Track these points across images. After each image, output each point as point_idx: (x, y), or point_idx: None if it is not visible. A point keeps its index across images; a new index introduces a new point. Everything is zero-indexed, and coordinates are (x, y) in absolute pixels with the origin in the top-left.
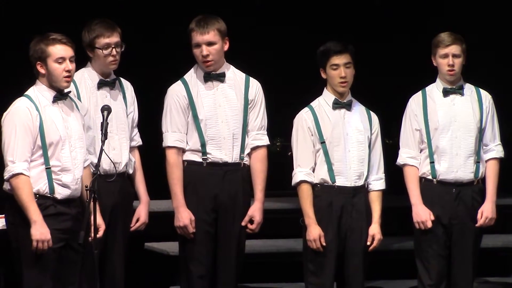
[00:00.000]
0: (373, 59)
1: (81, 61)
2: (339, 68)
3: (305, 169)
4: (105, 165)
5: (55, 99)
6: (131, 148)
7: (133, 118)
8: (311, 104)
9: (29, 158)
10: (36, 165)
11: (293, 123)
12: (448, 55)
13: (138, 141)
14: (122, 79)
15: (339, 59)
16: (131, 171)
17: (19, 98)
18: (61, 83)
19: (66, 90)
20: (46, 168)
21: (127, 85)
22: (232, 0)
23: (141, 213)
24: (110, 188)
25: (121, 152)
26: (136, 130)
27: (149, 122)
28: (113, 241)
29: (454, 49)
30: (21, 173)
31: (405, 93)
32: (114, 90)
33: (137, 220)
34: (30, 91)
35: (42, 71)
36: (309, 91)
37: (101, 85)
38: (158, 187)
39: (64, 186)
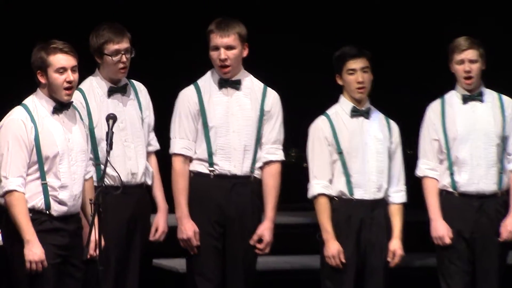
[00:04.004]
0: (392, 67)
1: (90, 67)
2: (356, 73)
3: (322, 181)
4: (122, 176)
5: (55, 110)
6: (148, 154)
7: (148, 123)
8: (328, 112)
9: (24, 173)
10: (32, 179)
11: (308, 132)
12: (465, 61)
13: (155, 145)
14: (134, 81)
15: (356, 64)
16: (149, 182)
17: (16, 108)
18: (61, 95)
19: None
20: (42, 183)
21: (140, 88)
22: (242, 7)
23: (160, 222)
24: (126, 200)
25: (137, 161)
26: (152, 134)
27: (156, 132)
28: (128, 256)
29: (471, 54)
30: (15, 190)
31: (427, 100)
32: (126, 96)
33: (156, 231)
34: (29, 100)
35: (43, 80)
36: (325, 98)
37: (111, 92)
38: (167, 199)
39: (61, 203)
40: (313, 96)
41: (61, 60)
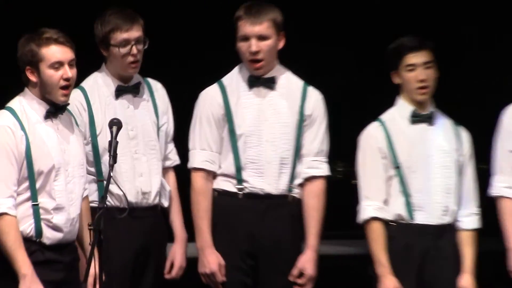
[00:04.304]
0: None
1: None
2: (417, 69)
3: (375, 202)
4: (131, 196)
5: (49, 115)
6: (165, 170)
7: (166, 131)
8: (382, 117)
9: (15, 193)
10: (21, 201)
11: (358, 142)
12: None
13: (174, 159)
14: (150, 80)
15: (416, 58)
16: (166, 204)
17: (1, 111)
18: (57, 96)
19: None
20: (32, 205)
21: (157, 87)
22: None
23: (177, 255)
24: (135, 225)
25: (151, 178)
26: (171, 146)
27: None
28: None
29: None
30: (5, 213)
31: (503, 103)
32: (138, 97)
33: (172, 265)
34: (15, 103)
35: (33, 78)
36: (378, 100)
37: (120, 92)
38: (186, 225)
39: (55, 228)
40: (364, 98)
41: (56, 52)
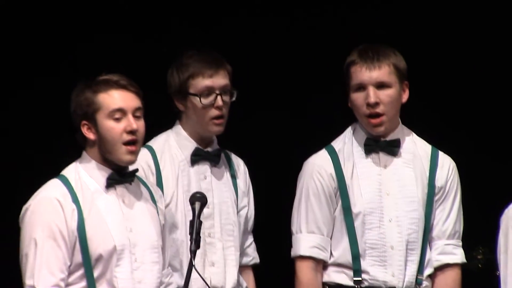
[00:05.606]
0: None
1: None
2: None
3: None
4: None
5: (112, 183)
6: (241, 268)
7: (247, 217)
8: None
9: (62, 282)
10: None
11: (499, 222)
12: None
13: (253, 257)
14: (232, 154)
15: None
16: None
17: (50, 181)
18: (121, 154)
19: (131, 168)
20: None
21: (239, 164)
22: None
23: None
24: None
25: (225, 270)
26: (251, 239)
27: (263, 213)
28: None
29: None
30: None
31: None
32: (217, 168)
33: None
34: (69, 170)
35: (90, 136)
36: None
37: (198, 157)
38: None
39: None
40: (504, 166)
41: (117, 99)
